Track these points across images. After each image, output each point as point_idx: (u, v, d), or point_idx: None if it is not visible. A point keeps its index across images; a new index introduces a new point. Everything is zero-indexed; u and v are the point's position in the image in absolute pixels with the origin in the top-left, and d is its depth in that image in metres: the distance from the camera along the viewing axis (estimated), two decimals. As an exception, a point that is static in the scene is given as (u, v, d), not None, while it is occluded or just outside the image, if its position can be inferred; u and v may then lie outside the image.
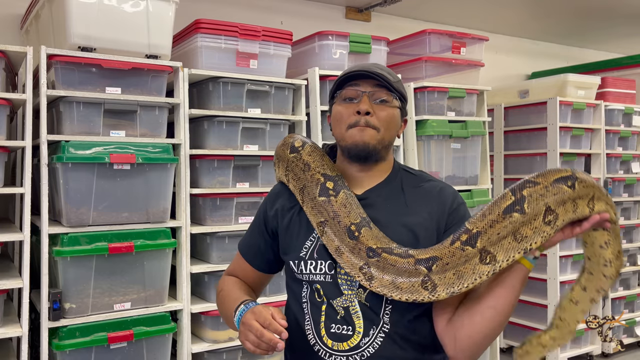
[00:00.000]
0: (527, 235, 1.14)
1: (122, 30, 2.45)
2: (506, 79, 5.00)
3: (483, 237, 1.15)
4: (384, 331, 1.25)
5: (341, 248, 1.24)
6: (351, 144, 1.29)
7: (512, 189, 1.16)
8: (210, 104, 2.75)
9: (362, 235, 1.21)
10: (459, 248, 1.16)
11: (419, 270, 1.17)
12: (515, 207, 1.14)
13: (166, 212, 2.54)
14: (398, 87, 1.32)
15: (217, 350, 2.67)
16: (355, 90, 1.30)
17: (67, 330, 2.29)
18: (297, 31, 3.13)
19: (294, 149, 1.38)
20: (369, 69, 1.30)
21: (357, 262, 1.22)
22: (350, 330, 1.26)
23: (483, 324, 1.19)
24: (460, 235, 1.17)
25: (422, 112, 3.34)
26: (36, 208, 2.40)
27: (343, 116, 1.30)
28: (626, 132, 4.41)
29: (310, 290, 1.33)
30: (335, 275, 1.29)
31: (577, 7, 4.27)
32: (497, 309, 1.18)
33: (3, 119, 2.25)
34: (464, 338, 1.20)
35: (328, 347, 1.27)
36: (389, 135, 1.31)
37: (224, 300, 1.41)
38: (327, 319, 1.28)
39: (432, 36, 3.42)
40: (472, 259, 1.15)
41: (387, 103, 1.30)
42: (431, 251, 1.18)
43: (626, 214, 4.45)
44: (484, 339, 1.20)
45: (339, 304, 1.27)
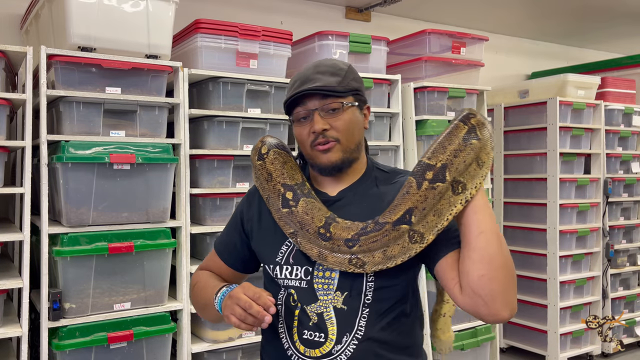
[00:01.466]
0: (484, 161, 1.18)
1: (122, 30, 2.45)
2: (506, 79, 5.00)
3: (450, 168, 1.14)
4: (357, 338, 1.22)
5: (322, 252, 1.23)
6: (320, 166, 1.30)
7: (462, 120, 1.18)
8: (210, 104, 2.75)
9: (334, 233, 1.20)
10: (429, 188, 1.14)
11: (401, 230, 1.16)
12: (472, 134, 1.16)
13: (166, 212, 2.54)
14: (346, 86, 1.27)
15: (217, 350, 2.67)
16: (304, 109, 1.27)
17: (67, 330, 2.29)
18: (297, 31, 3.13)
19: (260, 156, 1.36)
20: (309, 84, 1.26)
21: (342, 258, 1.20)
22: (322, 337, 1.23)
23: (483, 254, 1.12)
24: (425, 174, 1.14)
25: (422, 112, 3.34)
26: (36, 208, 2.40)
27: (303, 137, 1.29)
28: (626, 132, 4.41)
29: (286, 294, 1.31)
30: (311, 281, 1.27)
31: (577, 7, 4.27)
32: (484, 231, 1.14)
33: (3, 119, 2.25)
34: (478, 280, 1.12)
35: (300, 353, 1.25)
36: (352, 139, 1.29)
37: (200, 291, 1.39)
38: (300, 324, 1.27)
39: (432, 36, 3.42)
40: (445, 193, 1.15)
41: (338, 110, 1.27)
42: (402, 206, 1.16)
43: (626, 214, 4.45)
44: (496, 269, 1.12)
45: (313, 309, 1.25)
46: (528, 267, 4.15)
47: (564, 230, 3.97)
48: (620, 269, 4.35)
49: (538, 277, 4.07)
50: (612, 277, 4.29)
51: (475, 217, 1.15)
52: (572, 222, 4.07)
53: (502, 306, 1.12)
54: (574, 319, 4.07)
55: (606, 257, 4.22)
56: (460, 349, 3.33)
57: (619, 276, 4.36)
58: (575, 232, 4.02)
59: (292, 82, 1.32)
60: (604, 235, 4.23)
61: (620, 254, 4.38)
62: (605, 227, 4.23)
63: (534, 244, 4.13)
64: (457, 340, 3.32)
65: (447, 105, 3.41)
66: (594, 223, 4.19)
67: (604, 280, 4.22)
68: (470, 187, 1.16)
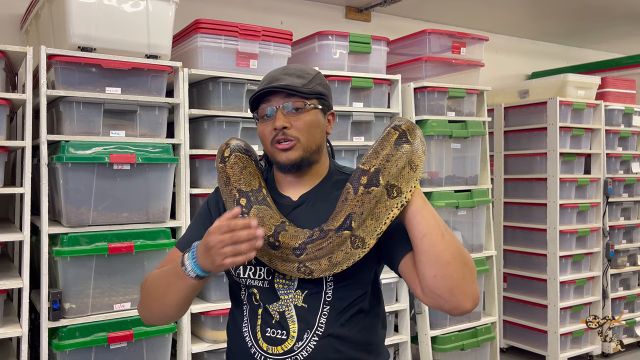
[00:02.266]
0: (417, 164, 1.22)
1: (122, 30, 2.45)
2: (506, 79, 5.00)
3: (383, 172, 1.17)
4: (318, 334, 1.25)
5: (273, 260, 1.25)
6: (280, 164, 1.31)
7: (393, 126, 1.22)
8: (210, 104, 2.75)
9: (282, 242, 1.22)
10: (365, 193, 1.17)
11: (343, 236, 1.19)
12: (403, 139, 1.20)
13: (166, 212, 2.54)
14: (311, 89, 1.30)
15: (217, 350, 2.66)
16: (268, 106, 1.30)
17: (67, 330, 2.29)
18: (297, 31, 3.13)
19: (223, 159, 1.38)
20: (275, 83, 1.29)
21: (291, 266, 1.23)
22: (284, 335, 1.26)
23: (430, 255, 1.15)
24: (360, 179, 1.18)
25: (422, 112, 3.34)
26: (36, 208, 2.40)
27: (265, 134, 1.31)
28: (626, 132, 4.41)
29: (247, 293, 1.33)
30: (272, 281, 1.29)
31: (577, 7, 4.27)
32: (426, 234, 1.16)
33: (3, 119, 2.25)
34: (433, 281, 1.15)
35: (263, 351, 1.27)
36: (312, 140, 1.30)
37: (155, 278, 1.31)
38: (263, 322, 1.29)
39: (432, 36, 3.42)
40: (380, 197, 1.18)
41: (300, 110, 1.29)
42: (342, 213, 1.19)
43: (626, 214, 4.45)
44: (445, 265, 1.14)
45: (275, 308, 1.28)
46: (528, 267, 4.15)
47: (564, 231, 3.97)
48: (620, 269, 4.35)
49: (538, 277, 4.07)
50: (612, 277, 4.29)
51: (416, 221, 1.18)
52: (572, 222, 4.06)
53: (462, 298, 1.15)
54: (574, 319, 4.07)
55: (606, 257, 4.22)
56: (460, 349, 3.33)
57: (619, 276, 4.36)
58: (575, 232, 4.02)
59: (260, 82, 1.35)
60: (604, 235, 4.23)
61: (620, 254, 4.38)
62: (605, 227, 4.23)
63: (534, 244, 4.13)
64: (457, 340, 3.33)
65: (447, 105, 3.41)
66: (594, 223, 4.19)
67: (604, 280, 4.22)
68: (405, 190, 1.19)
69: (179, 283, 1.22)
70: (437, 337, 3.28)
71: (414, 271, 1.21)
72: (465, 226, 3.47)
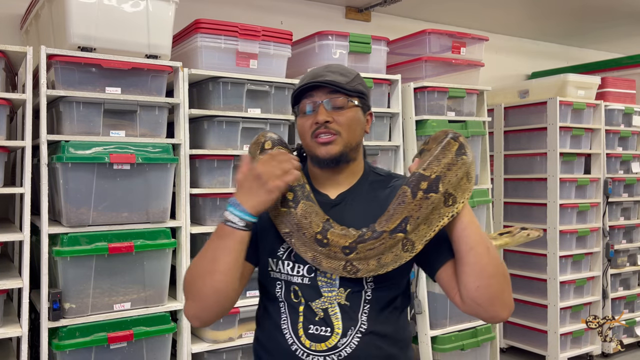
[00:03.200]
0: (472, 177, 1.25)
1: (122, 30, 2.44)
2: (506, 79, 5.00)
3: (444, 180, 1.20)
4: (361, 331, 1.27)
5: (317, 257, 1.25)
6: (319, 157, 1.32)
7: (452, 137, 1.24)
8: (210, 104, 2.75)
9: (331, 240, 1.22)
10: (423, 198, 1.19)
11: (396, 239, 1.20)
12: (462, 150, 1.23)
13: (166, 212, 2.54)
14: (353, 87, 1.32)
15: (217, 350, 2.67)
16: (311, 101, 1.32)
17: (67, 330, 2.29)
18: (297, 31, 3.13)
19: (264, 151, 1.37)
20: (319, 79, 1.31)
21: (337, 264, 1.24)
22: (328, 332, 1.27)
23: (475, 267, 1.20)
24: (420, 184, 1.19)
25: (422, 112, 3.33)
26: (36, 208, 2.40)
27: (305, 128, 1.32)
28: (626, 132, 4.41)
29: (285, 290, 1.33)
30: (314, 278, 1.29)
31: (577, 7, 4.27)
32: (473, 247, 1.21)
33: (3, 119, 2.25)
34: (475, 292, 1.21)
35: (306, 347, 1.28)
36: (353, 137, 1.32)
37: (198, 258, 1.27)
38: (305, 320, 1.29)
39: (432, 36, 3.42)
40: (438, 204, 1.20)
41: (343, 107, 1.31)
42: (398, 215, 1.20)
43: (626, 214, 4.45)
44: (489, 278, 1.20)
45: (318, 305, 1.28)
46: (528, 267, 4.15)
47: (564, 230, 3.97)
48: (620, 269, 4.35)
49: (538, 277, 4.07)
50: (612, 277, 4.29)
51: (465, 234, 1.22)
52: (572, 222, 4.06)
53: (500, 308, 1.22)
54: (574, 319, 4.07)
55: (606, 257, 4.22)
56: (461, 349, 3.33)
57: (619, 276, 4.36)
58: (575, 232, 4.02)
59: (302, 79, 1.36)
60: (604, 235, 4.23)
61: (620, 254, 4.38)
62: (605, 227, 4.23)
63: (534, 244, 4.12)
64: (457, 340, 3.33)
65: (447, 105, 3.41)
66: (594, 223, 4.18)
67: (604, 280, 4.22)
68: (459, 200, 1.23)
69: (228, 242, 1.21)
70: (437, 337, 3.28)
71: (454, 280, 1.26)
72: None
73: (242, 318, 2.70)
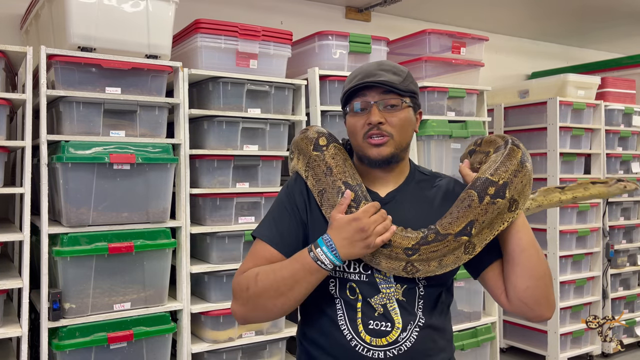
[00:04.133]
0: (532, 183, 1.30)
1: (122, 30, 2.44)
2: (506, 79, 5.00)
3: (510, 187, 1.24)
4: (419, 325, 1.30)
5: (376, 257, 1.25)
6: (370, 159, 1.31)
7: (514, 144, 1.30)
8: (210, 104, 2.75)
9: (394, 241, 1.23)
10: (490, 203, 1.22)
11: (460, 242, 1.23)
12: (525, 157, 1.28)
13: (166, 212, 2.54)
14: (406, 87, 1.31)
15: (217, 350, 2.67)
16: (364, 100, 1.31)
17: (67, 330, 2.29)
18: (297, 31, 3.13)
19: (318, 147, 1.36)
20: (373, 78, 1.29)
21: (398, 265, 1.25)
22: (389, 327, 1.28)
23: (525, 268, 1.25)
24: (487, 190, 1.22)
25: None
26: (36, 208, 2.40)
27: (357, 128, 1.31)
28: (626, 132, 4.41)
29: (340, 287, 1.32)
30: (372, 275, 1.30)
31: (577, 7, 4.27)
32: (525, 249, 1.25)
33: (3, 119, 2.25)
34: (524, 292, 1.25)
35: (366, 343, 1.28)
36: (405, 138, 1.33)
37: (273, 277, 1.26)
38: (364, 315, 1.29)
39: (432, 36, 3.42)
40: (503, 209, 1.24)
41: (397, 107, 1.30)
42: (463, 218, 1.23)
43: (626, 214, 4.45)
44: (538, 280, 1.25)
45: (377, 301, 1.29)
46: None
47: (564, 230, 3.97)
48: (620, 269, 4.35)
49: (538, 277, 4.06)
50: (612, 277, 4.29)
51: (518, 236, 1.26)
52: (572, 222, 4.06)
53: (545, 309, 1.28)
54: (574, 319, 4.07)
55: (606, 257, 4.22)
56: (460, 349, 3.33)
57: (619, 276, 4.36)
58: (575, 232, 4.02)
59: (352, 76, 1.35)
60: (604, 235, 4.23)
61: (620, 254, 4.38)
62: (605, 227, 4.23)
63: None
64: (457, 340, 3.32)
65: (447, 105, 3.41)
66: (594, 223, 4.18)
67: (604, 280, 4.22)
68: (521, 206, 1.27)
69: (311, 278, 1.23)
70: (437, 337, 3.27)
71: (500, 280, 1.30)
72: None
73: (242, 318, 2.70)
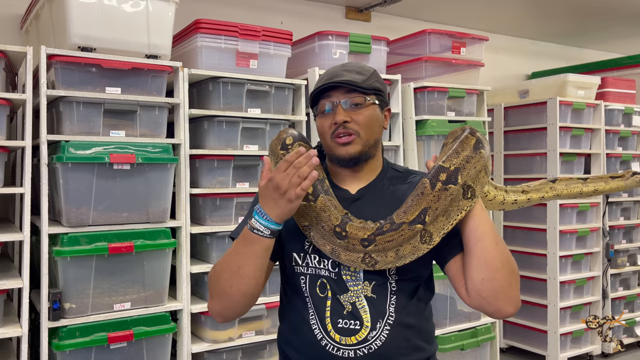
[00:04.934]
0: (489, 171, 1.28)
1: (122, 30, 2.44)
2: (506, 79, 5.00)
3: (462, 172, 1.22)
4: (389, 323, 1.29)
5: (335, 250, 1.26)
6: (339, 158, 1.34)
7: (470, 132, 1.27)
8: (210, 104, 2.75)
9: (350, 233, 1.24)
10: (442, 189, 1.21)
11: (415, 230, 1.22)
12: (479, 144, 1.26)
13: (166, 212, 2.54)
14: (370, 85, 1.34)
15: (217, 350, 2.67)
16: (329, 101, 1.34)
17: (67, 330, 2.29)
18: (297, 31, 3.13)
19: (284, 146, 1.39)
20: (335, 79, 1.32)
21: (355, 256, 1.25)
22: (358, 325, 1.28)
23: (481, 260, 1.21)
24: (439, 176, 1.21)
25: (422, 112, 3.34)
26: (36, 208, 2.40)
27: (325, 129, 1.34)
28: (626, 132, 4.41)
29: (310, 284, 1.33)
30: (339, 273, 1.31)
31: (577, 7, 4.27)
32: (480, 239, 1.22)
33: (3, 119, 2.25)
34: (481, 284, 1.22)
35: (336, 342, 1.28)
36: (372, 135, 1.34)
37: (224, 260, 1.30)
38: (333, 314, 1.30)
39: (432, 36, 3.42)
40: (456, 196, 1.22)
41: (361, 106, 1.33)
42: (417, 206, 1.22)
43: (626, 214, 4.45)
44: (495, 272, 1.21)
45: (346, 299, 1.30)
46: (528, 267, 4.15)
47: (564, 230, 3.97)
48: (620, 269, 4.35)
49: (538, 277, 4.07)
50: (612, 277, 4.29)
51: (473, 225, 1.24)
52: (572, 222, 4.06)
53: (505, 303, 1.22)
54: (574, 319, 4.07)
55: (606, 257, 4.22)
56: (460, 349, 3.33)
57: (619, 276, 4.36)
58: (575, 232, 4.02)
59: (320, 78, 1.38)
60: (604, 235, 4.23)
61: (620, 254, 4.38)
62: (605, 227, 4.23)
63: (534, 244, 4.12)
64: (457, 340, 3.33)
65: (447, 105, 3.41)
66: (594, 223, 4.18)
67: (604, 280, 4.22)
68: (478, 193, 1.24)
69: (253, 249, 1.24)
70: (437, 337, 3.27)
71: (462, 273, 1.28)
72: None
73: (242, 318, 2.70)
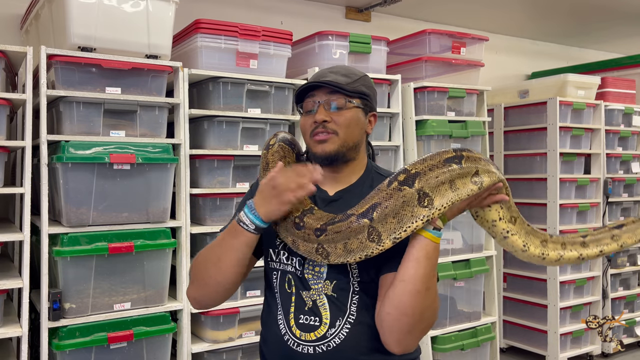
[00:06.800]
0: (458, 188, 1.21)
1: (122, 30, 2.45)
2: (506, 79, 5.00)
3: (422, 178, 1.19)
4: (350, 322, 1.29)
5: (296, 241, 1.28)
6: (315, 155, 1.36)
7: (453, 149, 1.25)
8: (210, 104, 2.75)
9: (306, 223, 1.26)
10: (396, 188, 1.19)
11: (362, 224, 1.20)
12: (455, 160, 1.22)
13: (166, 212, 2.54)
14: (355, 88, 1.35)
15: (217, 350, 2.67)
16: (312, 101, 1.36)
17: (67, 330, 2.29)
18: (297, 31, 3.13)
19: (267, 146, 1.43)
20: (320, 79, 1.35)
21: (311, 247, 1.26)
22: (317, 322, 1.29)
23: (395, 298, 1.18)
24: (398, 176, 1.21)
25: (422, 112, 3.34)
26: (36, 208, 2.40)
27: (306, 127, 1.37)
28: (626, 132, 4.41)
29: (280, 280, 1.36)
30: (302, 271, 1.33)
31: (577, 7, 4.27)
32: (405, 281, 1.18)
33: (3, 119, 2.25)
34: (384, 315, 1.20)
35: (296, 337, 1.30)
36: (350, 137, 1.34)
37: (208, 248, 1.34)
38: (296, 309, 1.32)
39: (432, 36, 3.42)
40: (410, 200, 1.18)
41: (342, 107, 1.34)
42: (369, 200, 1.22)
43: (626, 214, 4.45)
44: (401, 315, 1.18)
45: (308, 295, 1.32)
46: (528, 267, 4.15)
47: (564, 231, 3.97)
48: (620, 269, 4.35)
49: (538, 277, 4.07)
50: (612, 277, 4.29)
51: (409, 265, 1.19)
52: (572, 222, 4.06)
53: (394, 343, 1.21)
54: (574, 319, 4.07)
55: (606, 257, 4.22)
56: (460, 349, 3.33)
57: (619, 276, 4.36)
58: (575, 232, 4.02)
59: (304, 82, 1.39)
60: (604, 235, 4.22)
61: (620, 254, 4.38)
62: (605, 227, 4.22)
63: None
64: (457, 340, 3.33)
65: (447, 105, 3.41)
66: (594, 223, 4.18)
67: (604, 280, 4.22)
68: (437, 205, 1.19)
69: (236, 241, 1.27)
70: (437, 337, 3.28)
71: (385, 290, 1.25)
72: (465, 226, 3.47)
73: (242, 318, 2.71)
